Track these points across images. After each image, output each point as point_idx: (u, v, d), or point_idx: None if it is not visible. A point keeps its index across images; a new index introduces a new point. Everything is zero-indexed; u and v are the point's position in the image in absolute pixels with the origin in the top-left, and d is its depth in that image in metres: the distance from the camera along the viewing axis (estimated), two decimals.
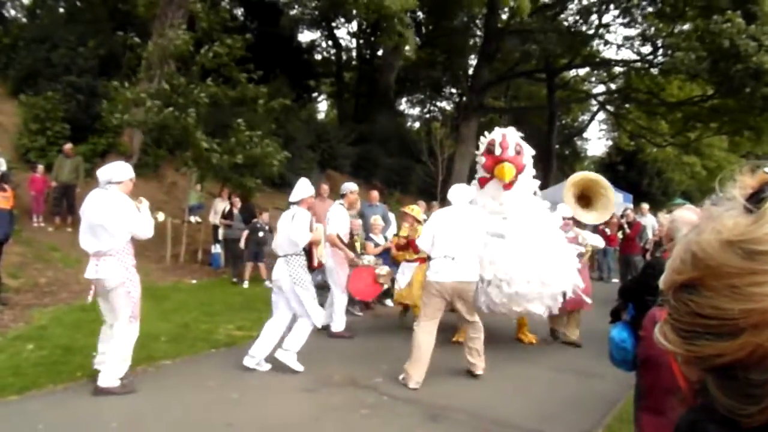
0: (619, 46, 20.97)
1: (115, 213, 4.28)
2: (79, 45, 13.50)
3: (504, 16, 21.62)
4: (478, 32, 23.98)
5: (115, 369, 4.35)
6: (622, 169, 27.76)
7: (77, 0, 16.68)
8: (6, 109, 12.82)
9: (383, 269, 6.74)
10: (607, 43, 21.41)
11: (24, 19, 16.74)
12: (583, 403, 4.78)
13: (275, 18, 19.56)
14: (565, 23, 20.84)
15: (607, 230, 11.36)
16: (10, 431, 3.78)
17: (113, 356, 4.35)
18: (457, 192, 5.39)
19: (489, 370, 5.27)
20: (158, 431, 3.86)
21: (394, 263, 7.57)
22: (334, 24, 25.02)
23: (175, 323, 6.55)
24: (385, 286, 7.34)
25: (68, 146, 10.75)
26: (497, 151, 5.78)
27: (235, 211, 10.40)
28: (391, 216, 9.92)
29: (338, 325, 6.70)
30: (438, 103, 33.26)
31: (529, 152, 6.10)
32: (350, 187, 7.02)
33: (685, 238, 0.60)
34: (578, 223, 6.87)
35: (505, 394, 4.93)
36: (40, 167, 10.52)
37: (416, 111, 34.27)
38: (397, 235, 7.67)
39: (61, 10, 16.46)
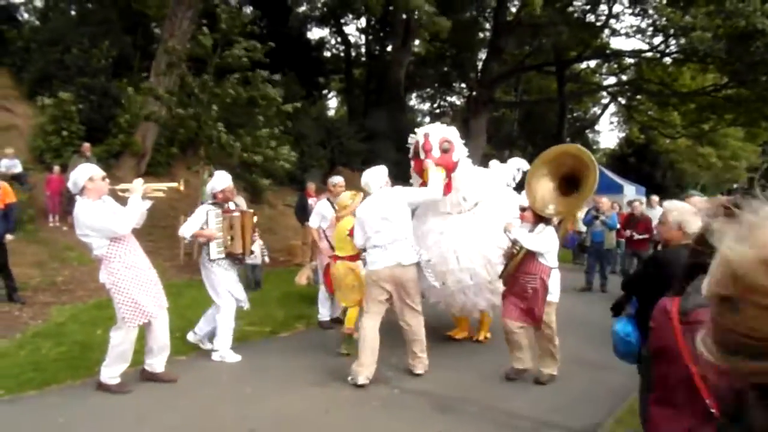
0: (627, 35, 20.69)
1: (79, 224, 4.25)
2: (92, 46, 13.67)
3: (513, 9, 21.49)
4: (487, 26, 23.87)
5: (109, 368, 4.42)
6: (633, 161, 27.47)
7: (88, 2, 16.83)
8: (22, 111, 13.03)
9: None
10: (615, 32, 21.13)
11: (37, 22, 16.93)
12: (595, 395, 4.78)
13: (284, 16, 19.61)
14: (575, 15, 20.64)
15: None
16: (31, 425, 3.89)
17: (108, 355, 4.42)
18: (370, 178, 5.12)
19: (499, 363, 5.30)
20: (174, 424, 3.94)
21: None
22: (342, 21, 25.04)
23: (188, 320, 6.62)
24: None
25: (86, 145, 10.90)
26: (422, 155, 5.45)
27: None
28: None
29: (323, 315, 6.86)
30: (448, 98, 33.26)
31: (459, 142, 5.70)
32: (334, 180, 7.08)
33: (723, 245, 0.56)
34: (541, 218, 4.97)
35: (515, 386, 4.95)
36: (57, 167, 10.68)
37: (426, 106, 34.32)
38: None
39: (73, 12, 16.63)
